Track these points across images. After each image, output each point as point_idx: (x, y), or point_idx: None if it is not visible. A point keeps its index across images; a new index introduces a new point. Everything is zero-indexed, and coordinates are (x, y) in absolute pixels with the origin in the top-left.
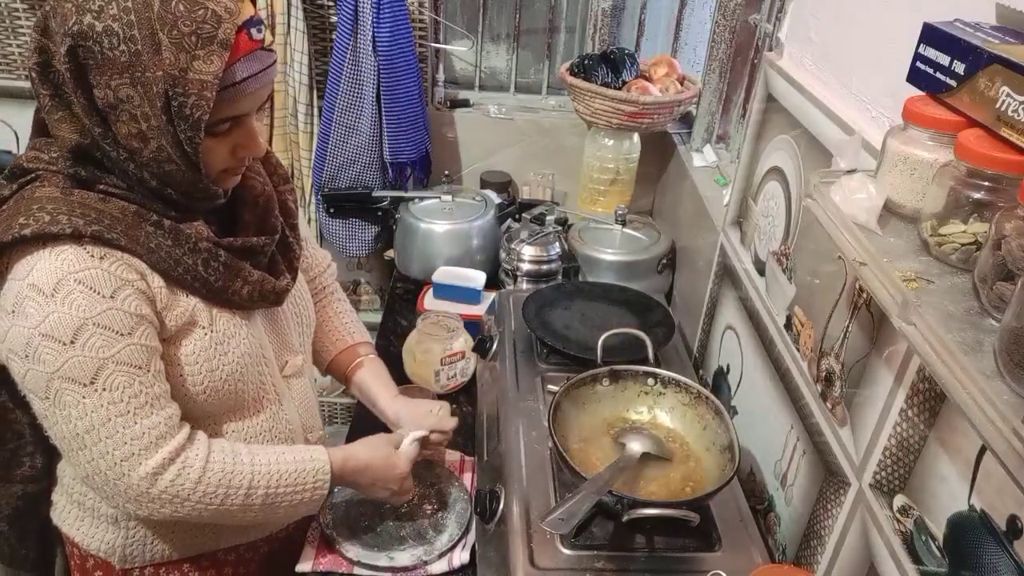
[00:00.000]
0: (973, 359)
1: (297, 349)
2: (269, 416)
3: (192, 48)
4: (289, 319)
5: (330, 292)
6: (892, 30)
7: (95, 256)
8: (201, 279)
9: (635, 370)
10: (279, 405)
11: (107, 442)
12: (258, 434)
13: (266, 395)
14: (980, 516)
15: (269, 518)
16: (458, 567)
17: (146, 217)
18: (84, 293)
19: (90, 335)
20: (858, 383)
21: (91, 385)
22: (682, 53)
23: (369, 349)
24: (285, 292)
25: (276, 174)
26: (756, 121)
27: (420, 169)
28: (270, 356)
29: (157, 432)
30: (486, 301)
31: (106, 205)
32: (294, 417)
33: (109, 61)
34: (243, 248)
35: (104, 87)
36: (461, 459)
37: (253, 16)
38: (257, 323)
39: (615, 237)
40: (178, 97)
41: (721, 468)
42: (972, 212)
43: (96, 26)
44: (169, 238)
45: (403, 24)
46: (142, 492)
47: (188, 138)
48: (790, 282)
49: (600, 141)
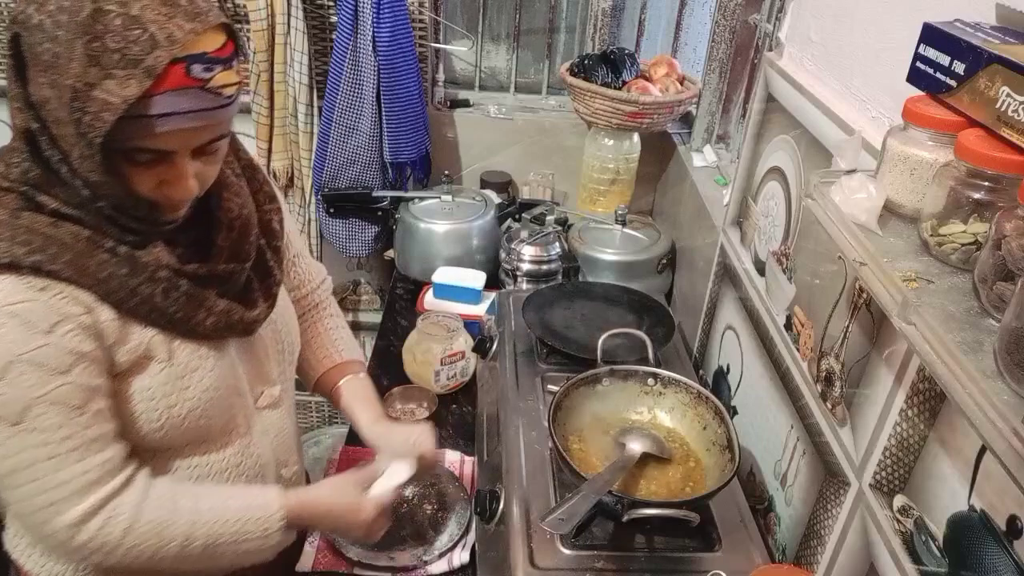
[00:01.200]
0: (973, 359)
1: (275, 379)
2: (237, 451)
3: (110, 66)
4: (268, 347)
5: (322, 308)
6: (892, 30)
7: (34, 287)
8: (159, 310)
9: (635, 370)
10: (249, 438)
11: (31, 486)
12: (223, 470)
13: (236, 428)
14: (980, 516)
15: (212, 566)
16: (458, 567)
17: (100, 243)
18: (16, 328)
19: (20, 373)
20: (858, 383)
21: (18, 425)
22: (682, 53)
23: (358, 368)
24: (256, 323)
25: (262, 192)
26: (756, 121)
27: (420, 169)
28: (243, 387)
29: (87, 478)
30: (486, 301)
31: (57, 230)
32: (266, 451)
33: (36, 57)
34: (208, 276)
35: (34, 83)
36: (461, 459)
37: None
38: (229, 353)
39: (615, 237)
40: (76, 112)
41: (721, 468)
42: (972, 212)
43: (33, 18)
44: (125, 266)
45: (403, 24)
46: (65, 540)
47: (87, 156)
48: (790, 282)
49: (600, 141)
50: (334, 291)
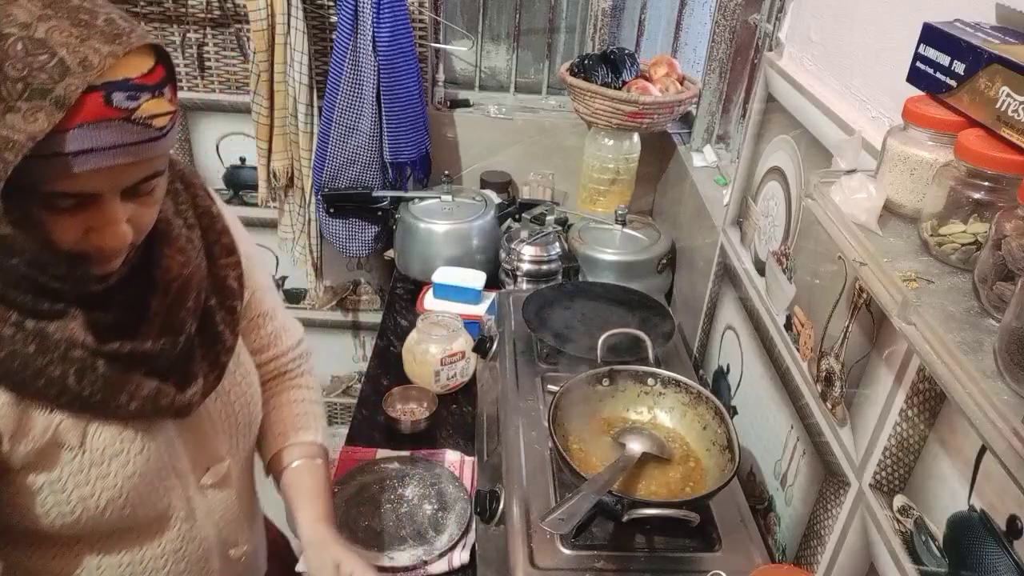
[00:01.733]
0: (973, 359)
1: (223, 455)
2: (175, 536)
3: (12, 98)
4: (215, 422)
5: (290, 377)
6: (892, 30)
7: None
8: (70, 393)
9: (635, 370)
10: (192, 522)
11: None
12: (159, 556)
13: (174, 513)
14: (980, 516)
15: None
16: (458, 567)
17: (3, 317)
18: None
19: None
20: (858, 383)
21: None
22: (682, 53)
23: (315, 451)
24: (190, 405)
25: (219, 244)
26: (756, 121)
27: (420, 169)
28: (183, 467)
29: None
30: (486, 301)
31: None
32: (210, 534)
33: None
34: (131, 355)
35: None
36: (461, 459)
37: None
38: (165, 430)
39: (615, 237)
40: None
41: (721, 468)
42: (972, 212)
43: None
44: (32, 343)
45: (403, 24)
46: None
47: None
48: (790, 282)
49: (600, 141)
50: (334, 291)
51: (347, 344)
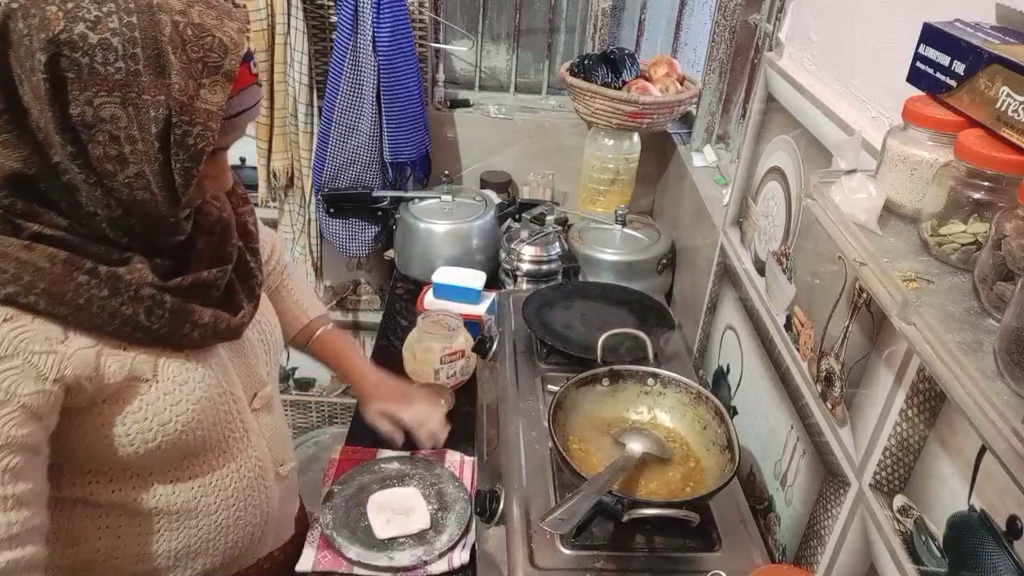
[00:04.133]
0: (973, 359)
1: (265, 380)
2: (237, 456)
3: (199, 76)
4: (256, 348)
5: (278, 273)
6: (892, 30)
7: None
8: (143, 329)
9: (635, 370)
10: (248, 442)
11: None
12: (224, 477)
13: (232, 435)
14: (980, 516)
15: None
16: (458, 567)
17: (78, 265)
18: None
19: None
20: (858, 383)
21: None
22: (682, 53)
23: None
24: (243, 326)
25: (235, 194)
26: (756, 121)
27: (420, 169)
28: (239, 392)
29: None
30: (486, 301)
31: (31, 254)
32: (264, 453)
33: (97, 77)
34: (193, 287)
35: (83, 104)
36: (461, 459)
37: (250, 49)
38: (221, 358)
39: (615, 237)
40: (183, 125)
41: (721, 468)
42: (972, 212)
43: (90, 37)
44: (105, 287)
45: (403, 24)
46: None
47: (185, 168)
48: (790, 282)
49: (600, 141)
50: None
51: None
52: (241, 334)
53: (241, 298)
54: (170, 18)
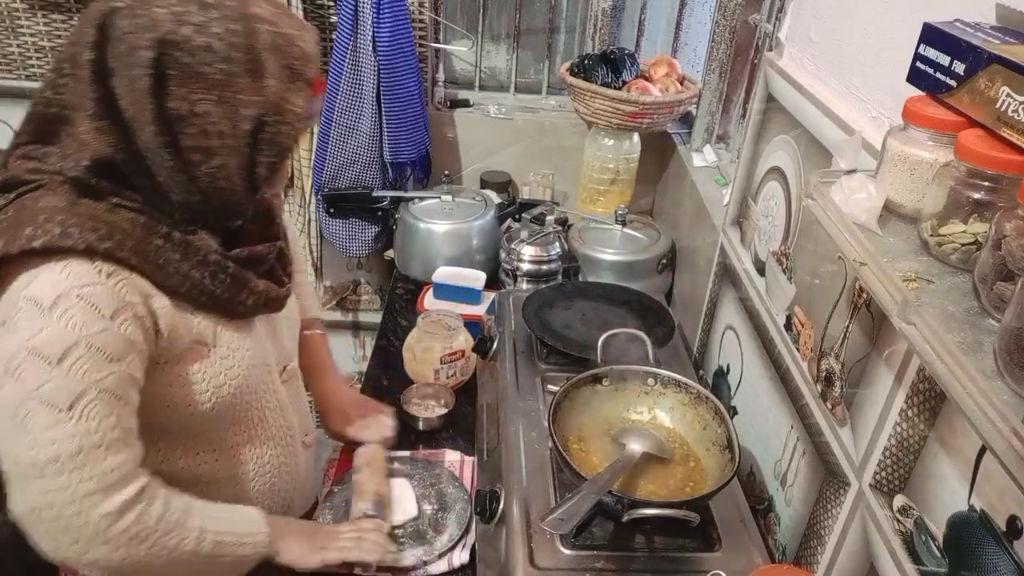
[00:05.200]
0: (973, 359)
1: (292, 353)
2: (272, 423)
3: (287, 80)
4: (282, 324)
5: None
6: (892, 30)
7: (102, 273)
8: (208, 292)
9: (635, 370)
10: (281, 411)
11: (72, 475)
12: (263, 442)
13: (267, 404)
14: (980, 516)
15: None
16: (458, 567)
17: (155, 230)
18: (84, 310)
19: (79, 356)
20: (858, 383)
21: (68, 411)
22: (682, 53)
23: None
24: (285, 298)
25: None
26: (756, 121)
27: (420, 169)
28: (272, 363)
29: (126, 469)
30: (486, 301)
31: (115, 216)
32: (293, 422)
33: (197, 75)
34: (249, 258)
35: (180, 98)
36: (461, 459)
37: None
38: (259, 332)
39: (615, 237)
40: (274, 124)
41: (721, 468)
42: (972, 212)
43: (195, 39)
44: (178, 251)
45: (403, 24)
46: (99, 532)
47: (270, 163)
48: (790, 282)
49: (600, 141)
50: (334, 291)
51: (347, 344)
52: (284, 305)
53: (281, 274)
54: (265, 27)
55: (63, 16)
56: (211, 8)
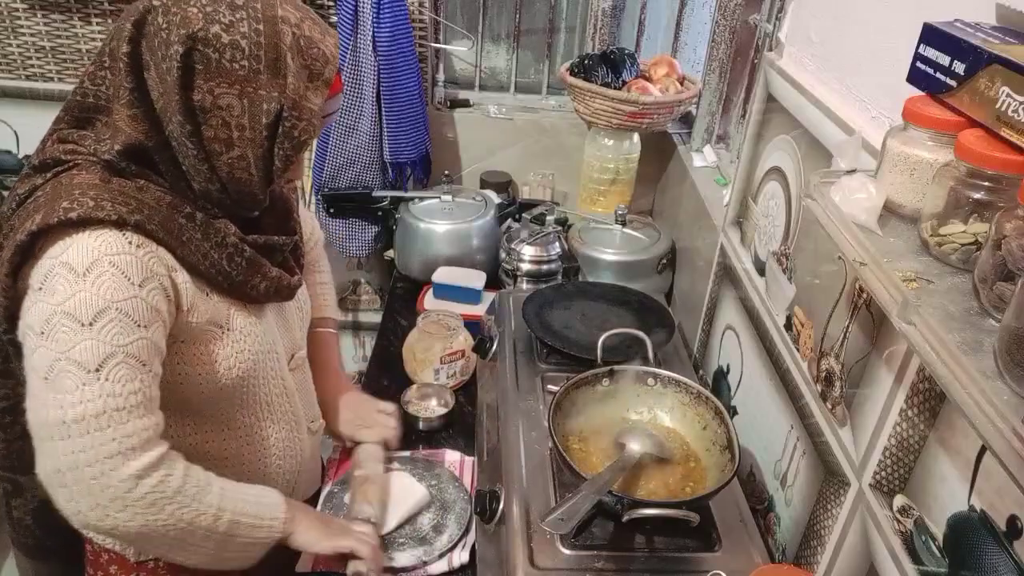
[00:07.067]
0: (973, 359)
1: (301, 343)
2: (278, 408)
3: (307, 79)
4: (294, 313)
5: (312, 264)
6: (892, 30)
7: (133, 243)
8: (224, 273)
9: (635, 370)
10: (287, 397)
11: (96, 435)
12: (271, 425)
13: (275, 390)
14: (980, 516)
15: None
16: (458, 567)
17: (180, 209)
18: (115, 276)
19: (109, 319)
20: (858, 383)
21: (96, 372)
22: (682, 53)
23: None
24: (296, 288)
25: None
26: (756, 121)
27: (420, 169)
28: (280, 351)
29: (147, 435)
30: (486, 301)
31: (143, 194)
32: (299, 408)
33: (222, 70)
34: (265, 245)
35: (205, 91)
36: (461, 459)
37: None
38: (269, 319)
39: (615, 237)
40: (292, 119)
41: (721, 468)
42: (972, 212)
43: (223, 37)
44: (199, 231)
45: (403, 24)
46: (119, 496)
47: (286, 156)
48: (790, 282)
49: (600, 141)
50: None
51: (347, 344)
52: (295, 294)
53: (293, 265)
54: (290, 29)
55: (63, 16)
56: (240, 9)
